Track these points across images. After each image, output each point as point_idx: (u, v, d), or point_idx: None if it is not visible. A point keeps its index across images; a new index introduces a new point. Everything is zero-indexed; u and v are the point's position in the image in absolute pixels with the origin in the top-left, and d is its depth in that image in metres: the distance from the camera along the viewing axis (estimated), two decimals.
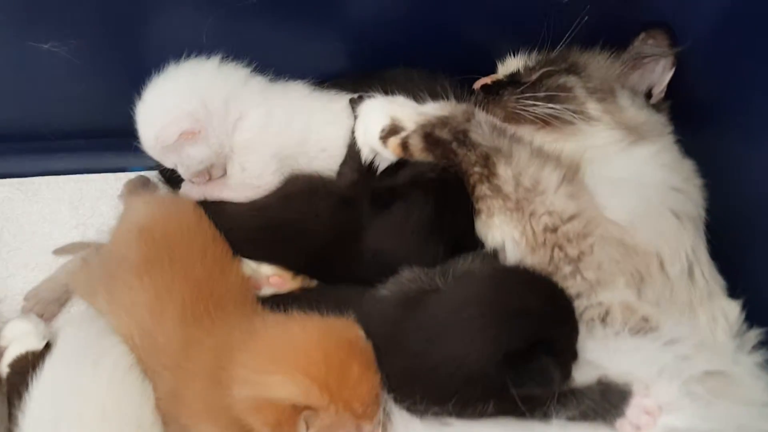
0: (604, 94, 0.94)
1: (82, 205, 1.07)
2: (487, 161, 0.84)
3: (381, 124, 0.89)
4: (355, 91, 1.00)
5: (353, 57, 1.03)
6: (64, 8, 0.92)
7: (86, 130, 1.08)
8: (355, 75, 1.03)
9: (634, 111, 0.93)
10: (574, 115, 0.92)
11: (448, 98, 0.92)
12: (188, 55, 0.96)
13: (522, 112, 0.94)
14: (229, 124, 0.95)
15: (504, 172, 0.83)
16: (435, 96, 0.93)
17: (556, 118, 0.92)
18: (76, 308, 0.98)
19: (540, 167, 0.83)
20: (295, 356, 0.73)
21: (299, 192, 0.95)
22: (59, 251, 1.02)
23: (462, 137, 0.86)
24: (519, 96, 0.95)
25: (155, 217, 0.91)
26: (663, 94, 0.97)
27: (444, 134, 0.86)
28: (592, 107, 0.93)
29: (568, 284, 0.78)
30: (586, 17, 0.97)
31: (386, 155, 0.91)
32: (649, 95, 0.97)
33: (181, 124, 0.91)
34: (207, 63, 0.96)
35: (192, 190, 0.99)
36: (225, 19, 0.94)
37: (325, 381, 0.70)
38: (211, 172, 0.98)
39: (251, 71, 0.99)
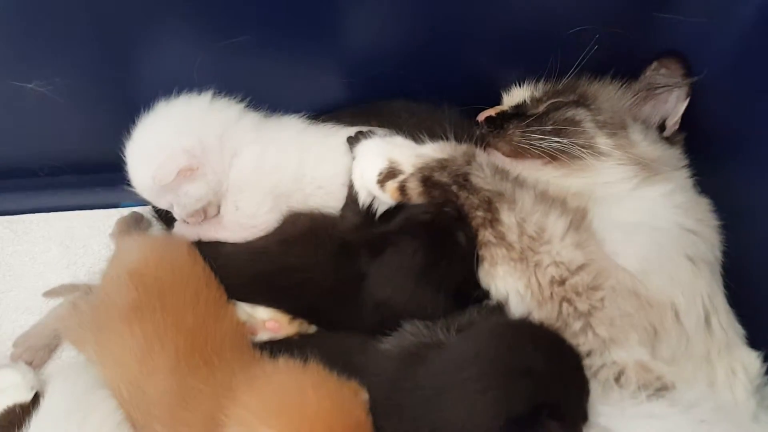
0: (615, 127, 0.89)
1: (73, 243, 1.04)
2: (489, 206, 0.80)
3: (378, 167, 0.85)
4: (353, 125, 0.97)
5: (351, 89, 0.99)
6: (46, 47, 0.88)
7: (76, 166, 1.05)
8: (353, 108, 1.00)
9: (647, 145, 0.89)
10: (583, 150, 0.88)
11: (449, 134, 0.88)
12: (179, 92, 0.92)
13: (528, 147, 0.90)
14: (225, 160, 0.92)
15: (507, 219, 0.79)
16: (436, 131, 0.89)
17: (564, 152, 0.88)
18: (67, 354, 0.94)
19: (545, 214, 0.79)
20: (293, 415, 0.69)
21: (299, 236, 0.91)
22: (49, 294, 0.98)
23: (462, 181, 0.82)
24: (525, 129, 0.91)
25: (146, 261, 0.87)
26: (677, 126, 0.92)
27: (443, 178, 0.82)
28: (602, 142, 0.88)
29: (579, 341, 0.73)
30: (596, 46, 0.92)
31: (384, 199, 0.87)
32: (662, 127, 0.92)
33: (178, 160, 0.88)
34: (199, 99, 0.93)
35: (186, 231, 0.95)
36: (217, 54, 0.90)
37: None
38: (206, 211, 0.95)
39: (244, 107, 0.96)
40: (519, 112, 0.94)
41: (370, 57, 0.96)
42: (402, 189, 0.84)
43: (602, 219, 0.81)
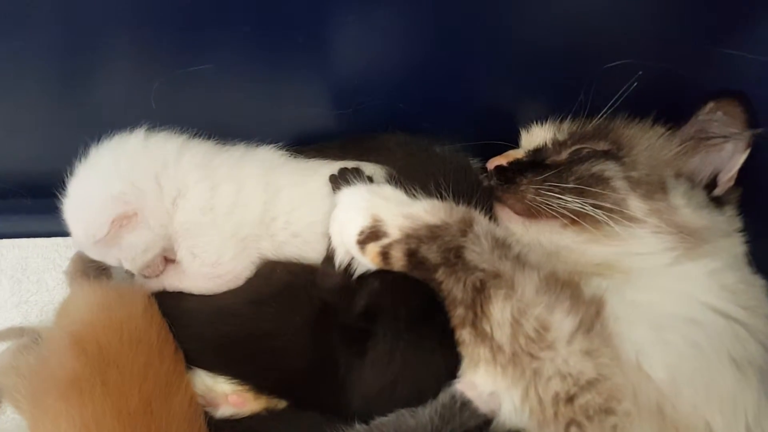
0: (652, 188, 0.74)
1: (26, 277, 0.92)
2: (477, 295, 0.65)
3: (360, 224, 0.71)
4: (339, 160, 0.82)
5: (339, 121, 0.84)
6: None
7: (31, 188, 0.93)
8: (341, 140, 0.84)
9: (690, 212, 0.73)
10: (610, 215, 0.72)
11: (447, 186, 0.73)
12: (134, 116, 0.79)
13: (543, 207, 0.75)
14: (166, 202, 0.80)
15: (499, 313, 0.64)
16: (434, 177, 0.74)
17: (587, 216, 0.73)
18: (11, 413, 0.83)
19: (549, 308, 0.64)
20: None
21: (273, 294, 0.78)
22: None
23: (453, 257, 0.67)
24: (540, 186, 0.75)
25: (92, 323, 0.75)
26: (732, 183, 0.76)
27: (431, 254, 0.68)
28: (635, 205, 0.73)
29: None
30: (636, 83, 0.75)
31: (363, 262, 0.73)
32: (713, 184, 0.76)
33: (109, 210, 0.77)
34: (130, 138, 0.81)
35: (148, 281, 0.83)
36: (175, 83, 0.76)
37: None
38: (164, 260, 0.83)
39: (191, 139, 0.83)
40: (536, 160, 0.79)
41: (363, 84, 0.81)
42: (384, 255, 0.70)
43: (625, 308, 0.66)
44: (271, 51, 0.75)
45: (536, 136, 0.82)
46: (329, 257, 0.77)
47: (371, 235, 0.71)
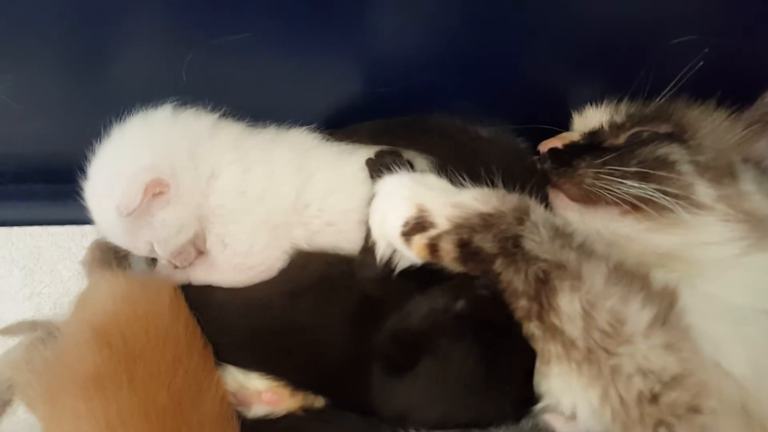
0: (720, 172, 0.68)
1: (39, 268, 0.87)
2: (542, 286, 0.60)
3: (404, 214, 0.65)
4: (376, 142, 0.77)
5: (378, 101, 0.78)
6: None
7: (46, 173, 0.87)
8: (378, 122, 0.79)
9: (761, 198, 0.68)
10: (677, 201, 0.67)
11: (498, 172, 0.68)
12: (163, 97, 0.73)
13: (602, 192, 0.69)
14: (201, 181, 0.74)
15: (568, 305, 0.59)
16: (481, 163, 0.69)
17: (650, 202, 0.68)
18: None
19: (623, 300, 0.58)
20: None
21: (310, 286, 0.73)
22: (4, 332, 0.81)
23: (512, 247, 0.62)
24: (600, 170, 0.70)
25: (117, 315, 0.70)
26: None
27: (486, 244, 0.62)
28: (703, 192, 0.68)
29: None
30: (701, 62, 0.71)
31: (408, 256, 0.67)
32: None
33: (141, 179, 0.71)
34: (158, 113, 0.76)
35: (173, 273, 0.77)
36: (210, 53, 0.70)
37: None
38: (196, 247, 0.77)
39: (224, 117, 0.77)
40: (593, 143, 0.74)
41: (405, 60, 0.76)
42: (432, 248, 0.65)
43: (697, 301, 0.61)
44: (311, 21, 0.69)
45: (591, 118, 0.77)
46: (368, 248, 0.72)
47: (417, 226, 0.65)
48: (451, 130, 0.76)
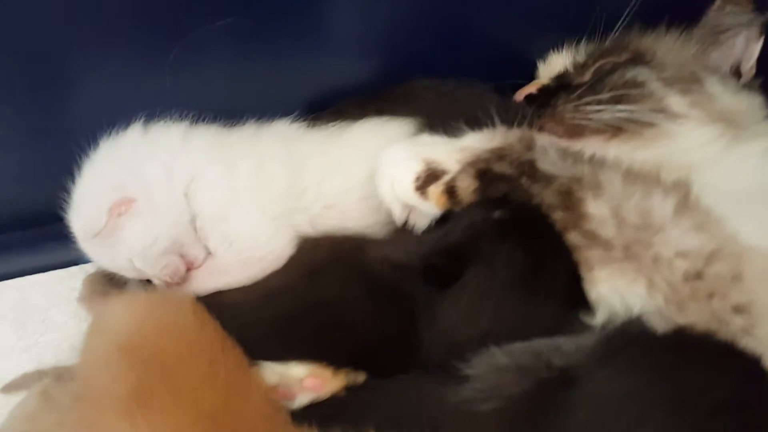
0: (687, 82, 0.75)
1: (29, 318, 0.82)
2: (569, 199, 0.63)
3: (413, 171, 0.67)
4: (363, 117, 0.79)
5: (358, 72, 0.81)
6: None
7: (19, 220, 0.83)
8: (362, 96, 0.81)
9: (729, 97, 0.75)
10: (654, 116, 0.72)
11: (494, 117, 0.71)
12: (150, 109, 0.73)
13: (585, 122, 0.74)
14: (178, 190, 0.74)
15: (596, 210, 0.62)
16: (475, 116, 0.72)
17: (631, 121, 0.73)
18: None
19: (645, 195, 0.62)
20: None
21: (328, 266, 0.72)
22: (8, 389, 0.76)
23: (529, 170, 0.65)
24: (577, 102, 0.75)
25: (142, 329, 0.67)
26: (754, 71, 0.78)
27: (506, 170, 0.65)
28: (675, 101, 0.74)
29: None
30: None
31: (426, 209, 0.68)
32: (737, 75, 0.78)
33: (105, 199, 0.71)
34: (127, 132, 0.75)
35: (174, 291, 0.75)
36: (192, 52, 0.71)
37: None
38: (187, 260, 0.75)
39: (199, 122, 0.78)
40: (563, 84, 0.79)
41: (379, 34, 0.79)
42: (451, 191, 0.67)
43: (704, 191, 0.65)
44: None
45: (555, 64, 0.82)
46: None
47: (428, 177, 0.67)
48: (437, 90, 0.79)
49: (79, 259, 0.84)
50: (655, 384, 0.51)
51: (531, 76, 0.83)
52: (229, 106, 0.78)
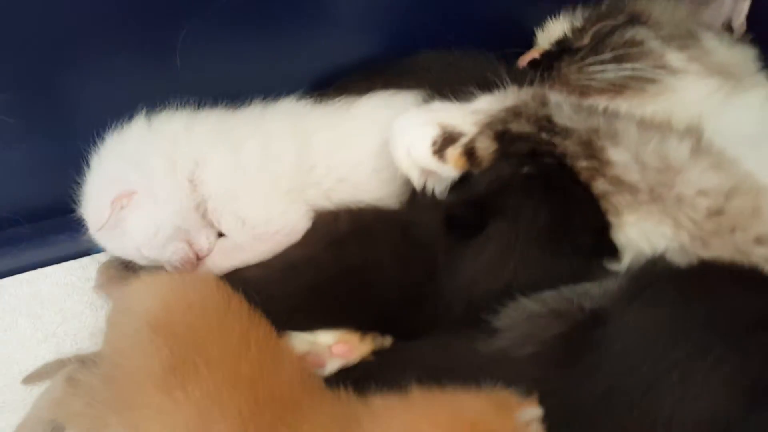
0: (683, 38, 0.78)
1: (45, 310, 0.81)
2: (590, 147, 0.65)
3: (429, 136, 0.68)
4: (369, 91, 0.79)
5: (359, 48, 0.82)
6: None
7: (28, 213, 0.82)
8: (366, 71, 0.82)
9: (725, 50, 0.78)
10: (655, 72, 0.75)
11: (504, 80, 0.72)
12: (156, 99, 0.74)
13: (590, 83, 0.76)
14: (181, 177, 0.75)
15: (618, 157, 0.64)
16: (483, 82, 0.73)
17: (635, 79, 0.75)
18: None
19: (661, 140, 0.64)
20: None
21: (350, 235, 0.73)
22: (30, 379, 0.76)
23: (547, 125, 0.66)
24: (581, 64, 0.77)
25: (169, 306, 0.67)
26: (744, 27, 0.81)
27: (524, 127, 0.66)
28: (674, 57, 0.76)
29: None
30: None
31: (445, 172, 0.69)
32: (729, 32, 0.81)
33: (108, 192, 0.72)
34: (132, 125, 0.76)
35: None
36: (193, 36, 0.72)
37: None
38: (193, 244, 0.75)
39: (203, 107, 0.78)
40: (565, 48, 0.81)
41: (376, 4, 0.80)
42: (470, 153, 0.68)
43: (715, 137, 0.68)
44: None
45: (553, 30, 0.84)
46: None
47: (445, 141, 0.68)
48: (439, 63, 0.80)
49: (90, 250, 0.84)
50: (686, 308, 0.53)
51: (529, 44, 0.85)
52: (233, 89, 0.78)
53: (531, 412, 0.52)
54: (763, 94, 0.74)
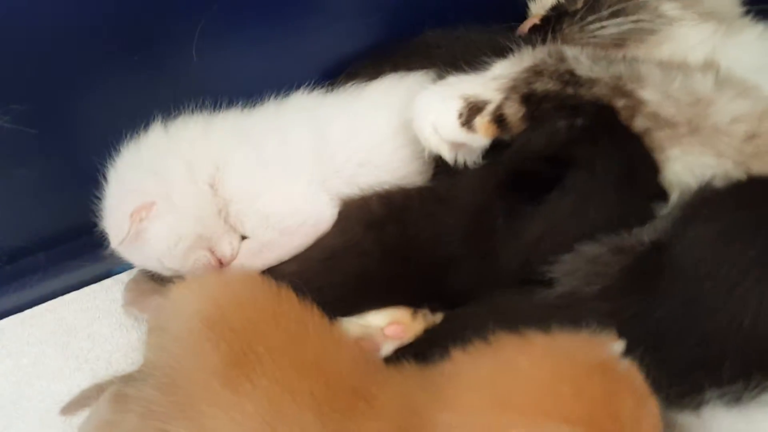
0: None
1: (73, 337, 0.77)
2: (622, 90, 0.66)
3: (453, 109, 0.68)
4: (379, 75, 0.80)
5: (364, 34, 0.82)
6: None
7: (44, 240, 0.79)
8: (374, 57, 0.82)
9: None
10: (654, 22, 0.78)
11: (516, 46, 0.73)
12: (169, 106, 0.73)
13: (592, 40, 0.78)
14: (201, 183, 0.73)
15: (650, 96, 0.65)
16: (494, 52, 0.74)
17: (634, 32, 0.78)
18: None
19: (685, 77, 0.66)
20: (534, 397, 0.49)
21: (384, 214, 0.72)
22: (69, 409, 0.71)
23: (571, 78, 0.67)
24: (581, 23, 0.79)
25: (220, 302, 0.65)
26: None
27: (549, 86, 0.67)
28: (669, 7, 0.79)
29: None
30: None
31: (476, 142, 0.70)
32: None
33: (126, 206, 0.71)
34: (148, 134, 0.75)
35: None
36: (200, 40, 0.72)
37: (592, 422, 0.47)
38: (215, 251, 0.74)
39: (218, 109, 0.77)
40: (561, 12, 0.83)
41: None
42: (499, 119, 0.68)
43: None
44: None
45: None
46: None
47: (471, 111, 0.68)
48: (446, 39, 0.81)
49: (111, 271, 0.81)
50: (748, 214, 0.56)
51: (522, 17, 0.87)
52: (244, 89, 0.77)
53: (618, 345, 0.52)
54: (756, 32, 0.78)
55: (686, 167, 0.64)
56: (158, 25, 0.70)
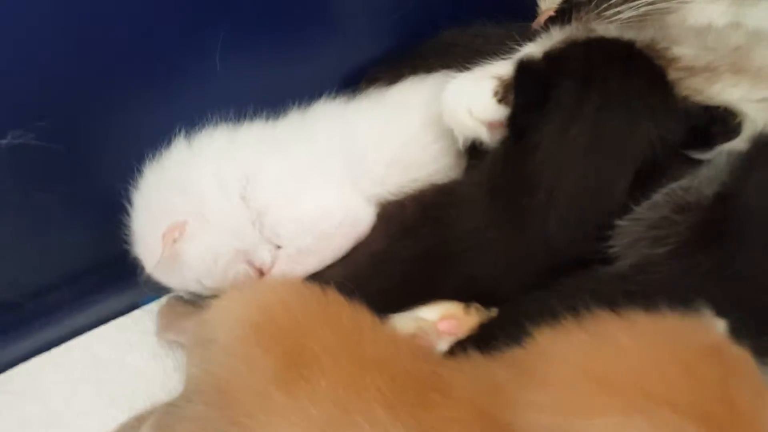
0: None
1: (105, 373, 0.73)
2: (653, 50, 0.66)
3: (488, 89, 0.68)
4: (400, 80, 0.79)
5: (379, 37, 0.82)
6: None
7: (67, 276, 0.76)
8: (393, 63, 0.82)
9: None
10: (668, 3, 0.78)
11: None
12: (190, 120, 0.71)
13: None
14: (233, 195, 0.71)
15: (684, 51, 0.65)
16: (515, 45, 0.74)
17: (650, 14, 0.78)
18: None
19: (717, 33, 0.67)
20: (636, 375, 0.45)
21: (419, 216, 0.71)
22: None
23: None
24: (597, 10, 0.79)
25: (266, 308, 0.62)
26: None
27: None
28: None
29: None
30: None
31: None
32: None
33: (156, 228, 0.68)
34: (171, 150, 0.73)
35: None
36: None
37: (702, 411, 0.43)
38: (255, 266, 0.71)
39: (242, 120, 0.76)
40: (576, 2, 0.83)
41: None
42: None
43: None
44: None
45: None
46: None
47: (507, 87, 0.68)
48: (464, 38, 0.81)
49: (139, 303, 0.78)
50: None
51: (532, 16, 0.87)
52: (265, 101, 0.76)
53: (720, 323, 0.49)
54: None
55: (728, 99, 0.63)
56: (183, 38, 0.69)
